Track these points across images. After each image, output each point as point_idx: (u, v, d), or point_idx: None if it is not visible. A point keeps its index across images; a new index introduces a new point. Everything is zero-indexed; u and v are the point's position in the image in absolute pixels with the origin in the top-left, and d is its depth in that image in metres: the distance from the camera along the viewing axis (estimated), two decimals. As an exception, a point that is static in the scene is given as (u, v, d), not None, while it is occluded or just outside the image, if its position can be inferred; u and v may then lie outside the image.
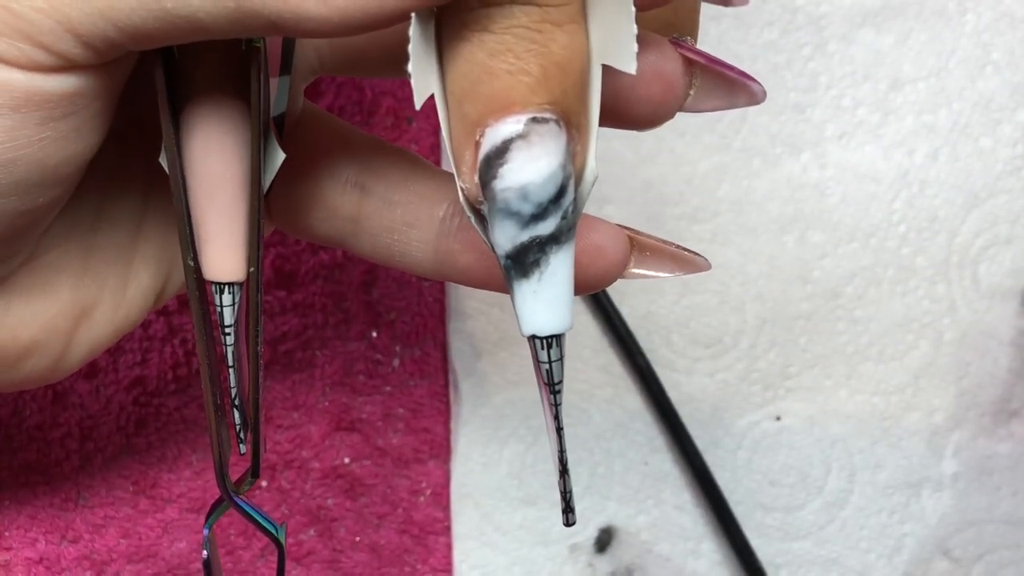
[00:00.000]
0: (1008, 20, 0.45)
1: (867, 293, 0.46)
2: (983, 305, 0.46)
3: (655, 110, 0.27)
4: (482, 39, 0.24)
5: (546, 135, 0.24)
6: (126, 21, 0.23)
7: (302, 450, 0.42)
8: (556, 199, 0.25)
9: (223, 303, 0.28)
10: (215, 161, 0.27)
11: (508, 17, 0.24)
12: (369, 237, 0.31)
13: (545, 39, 0.24)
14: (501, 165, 0.24)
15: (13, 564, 0.38)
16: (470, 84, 0.24)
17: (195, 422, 0.40)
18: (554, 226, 0.25)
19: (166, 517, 0.40)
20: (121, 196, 0.30)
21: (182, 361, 0.40)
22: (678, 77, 0.27)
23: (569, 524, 0.28)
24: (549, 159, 0.24)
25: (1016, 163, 0.46)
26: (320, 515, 0.42)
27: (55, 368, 0.30)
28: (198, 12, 0.23)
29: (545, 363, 0.26)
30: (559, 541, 0.44)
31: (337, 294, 0.42)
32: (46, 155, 0.25)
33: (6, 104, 0.23)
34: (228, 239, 0.28)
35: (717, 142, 0.45)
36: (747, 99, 0.29)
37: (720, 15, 0.45)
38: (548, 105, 0.24)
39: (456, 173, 0.25)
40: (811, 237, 0.45)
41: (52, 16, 0.23)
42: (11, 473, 0.38)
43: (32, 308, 0.29)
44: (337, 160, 0.31)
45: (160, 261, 0.31)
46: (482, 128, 0.24)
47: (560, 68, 0.24)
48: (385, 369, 0.43)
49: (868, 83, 0.45)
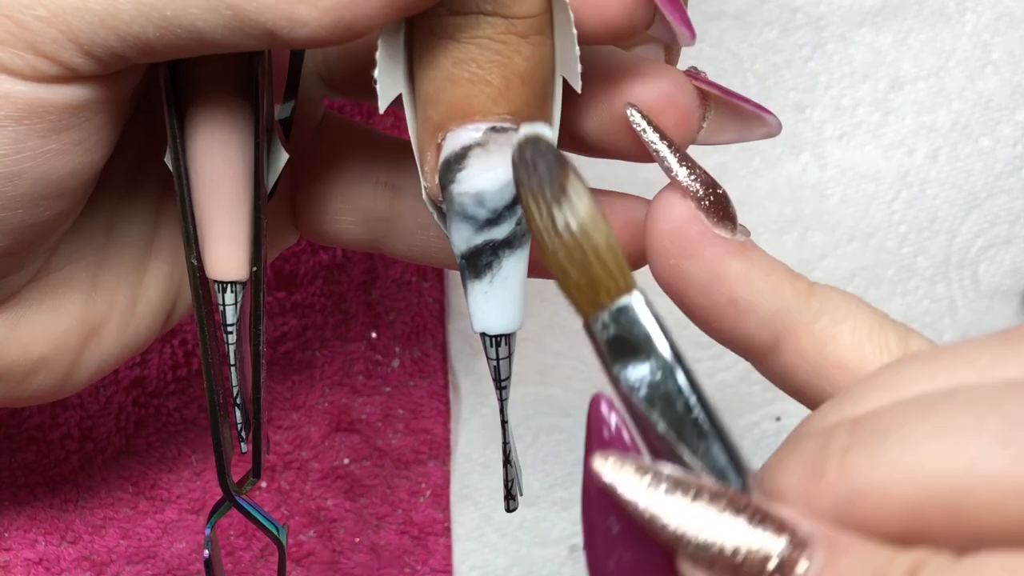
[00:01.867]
0: (1008, 20, 0.45)
1: (867, 293, 0.46)
2: (983, 305, 0.46)
3: None
4: (447, 47, 0.24)
5: (504, 144, 0.25)
6: (127, 30, 0.23)
7: (302, 451, 0.42)
8: (511, 206, 0.25)
9: (226, 302, 0.28)
10: (219, 160, 0.27)
11: (474, 27, 0.24)
12: (404, 236, 0.31)
13: (509, 50, 0.24)
14: (459, 170, 0.25)
15: (12, 565, 0.38)
16: (434, 89, 0.25)
17: (195, 423, 0.40)
18: (508, 231, 0.25)
19: (166, 518, 0.40)
20: (133, 213, 0.30)
21: (181, 362, 0.40)
22: (692, 110, 0.27)
23: (510, 510, 0.29)
24: (506, 167, 0.24)
25: (1016, 163, 0.46)
26: (320, 516, 0.42)
27: (62, 385, 0.30)
28: (196, 21, 0.23)
29: (493, 360, 0.27)
30: (558, 542, 0.44)
31: (337, 295, 0.42)
32: (51, 167, 0.25)
33: (9, 115, 0.23)
34: (231, 238, 0.28)
35: (717, 142, 0.45)
36: (763, 132, 0.28)
37: (720, 15, 0.45)
38: (508, 115, 0.25)
39: (420, 172, 0.26)
40: (811, 237, 0.45)
41: (54, 25, 0.23)
42: (11, 474, 0.38)
43: (42, 324, 0.29)
44: (366, 163, 0.31)
45: (171, 280, 0.31)
46: (443, 132, 0.25)
47: (522, 79, 0.24)
48: (385, 370, 0.43)
49: (868, 83, 0.45)
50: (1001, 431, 0.18)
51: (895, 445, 0.19)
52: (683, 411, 0.21)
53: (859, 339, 0.24)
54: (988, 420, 0.19)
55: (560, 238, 0.21)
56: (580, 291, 0.22)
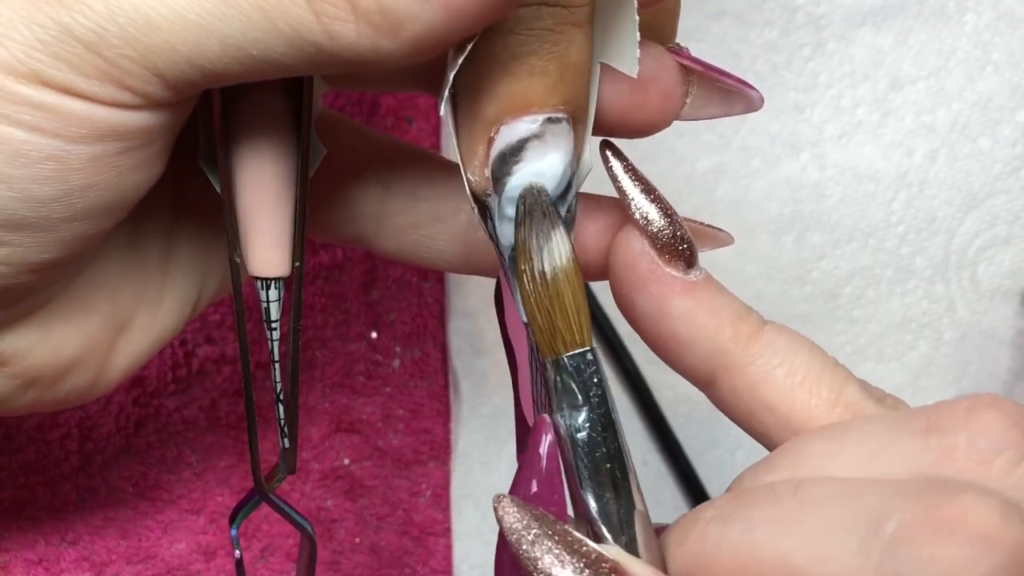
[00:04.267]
0: (1008, 20, 0.45)
1: (866, 293, 0.46)
2: (982, 305, 0.46)
3: (652, 118, 0.27)
4: (506, 40, 0.24)
5: (559, 134, 0.25)
6: (211, 68, 0.24)
7: (302, 451, 0.42)
8: (563, 194, 0.26)
9: (269, 298, 0.28)
10: (264, 158, 0.28)
11: (535, 19, 0.24)
12: (393, 235, 0.31)
13: (566, 40, 0.25)
14: (517, 162, 0.25)
15: (12, 565, 0.38)
16: (489, 83, 0.25)
17: (194, 423, 0.40)
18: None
19: (165, 518, 0.40)
20: (153, 208, 0.30)
21: (181, 362, 0.40)
22: (675, 85, 0.27)
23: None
24: (562, 156, 0.25)
25: (1015, 163, 0.46)
26: (320, 516, 0.42)
27: (94, 386, 0.30)
28: (282, 58, 0.23)
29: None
30: (559, 541, 0.44)
31: (337, 295, 0.42)
32: (121, 182, 0.25)
33: (90, 135, 0.24)
34: (275, 235, 0.28)
35: (716, 142, 0.45)
36: (744, 106, 0.29)
37: (720, 14, 0.45)
38: (562, 105, 0.25)
39: (464, 166, 0.26)
40: (810, 237, 0.45)
41: (140, 64, 0.23)
42: (10, 474, 0.38)
43: (72, 325, 0.29)
44: (358, 159, 0.31)
45: (193, 270, 0.31)
46: (497, 126, 0.25)
47: (575, 69, 0.25)
48: (385, 370, 0.43)
49: (867, 83, 0.45)
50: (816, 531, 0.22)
51: (739, 525, 0.23)
52: (600, 461, 0.24)
53: (790, 386, 0.25)
54: (811, 517, 0.22)
55: (535, 283, 0.24)
56: (543, 335, 0.25)
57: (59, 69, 0.23)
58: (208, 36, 0.23)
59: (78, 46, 0.23)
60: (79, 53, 0.23)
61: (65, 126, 0.24)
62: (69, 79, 0.23)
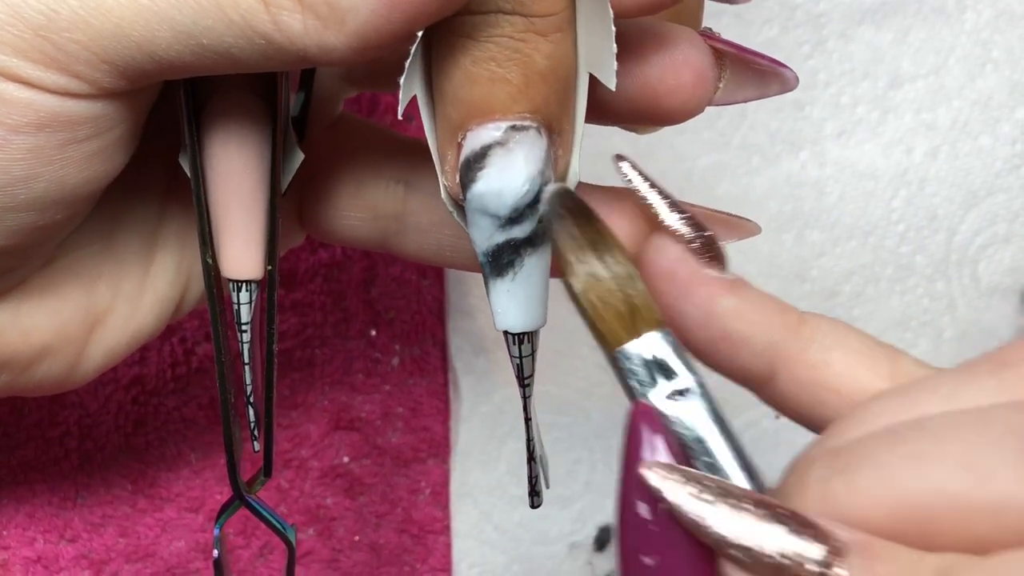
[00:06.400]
0: (1007, 18, 0.45)
1: (865, 291, 0.46)
2: (983, 303, 0.46)
3: (685, 103, 0.27)
4: (466, 45, 0.24)
5: (525, 142, 0.25)
6: (162, 55, 0.23)
7: (301, 449, 0.41)
8: (532, 204, 0.25)
9: (240, 300, 0.28)
10: (235, 160, 0.27)
11: (492, 26, 0.24)
12: (416, 234, 0.31)
13: (529, 48, 0.24)
14: (480, 169, 0.25)
15: (11, 563, 0.38)
16: (453, 88, 0.25)
17: (194, 421, 0.40)
18: (529, 230, 0.25)
19: (164, 516, 0.40)
20: (139, 203, 0.30)
21: (181, 360, 0.40)
22: (708, 68, 0.27)
23: (535, 506, 0.30)
24: (527, 165, 0.25)
25: (1015, 161, 0.46)
26: (319, 514, 0.42)
27: (69, 375, 0.30)
28: (232, 48, 0.23)
29: (516, 358, 0.28)
30: (558, 540, 0.44)
31: (336, 292, 0.42)
32: (67, 174, 0.25)
33: (31, 123, 0.24)
34: (247, 237, 0.28)
35: (716, 139, 0.45)
36: (780, 87, 0.29)
37: (720, 12, 0.45)
38: (528, 113, 0.25)
39: (439, 171, 0.26)
40: (809, 235, 0.45)
41: (90, 48, 0.23)
42: (10, 471, 0.38)
43: (44, 311, 0.29)
44: (379, 160, 0.31)
45: (178, 270, 0.31)
46: (463, 131, 0.25)
47: (543, 77, 0.24)
48: (384, 368, 0.43)
49: (867, 81, 0.45)
50: (962, 455, 0.21)
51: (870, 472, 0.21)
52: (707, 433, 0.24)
53: (850, 364, 0.25)
54: (949, 445, 0.21)
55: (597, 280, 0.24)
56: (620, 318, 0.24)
57: (3, 53, 0.23)
58: (160, 22, 0.23)
59: (26, 30, 0.23)
60: (27, 38, 0.23)
61: (6, 113, 0.23)
62: (12, 64, 0.23)
